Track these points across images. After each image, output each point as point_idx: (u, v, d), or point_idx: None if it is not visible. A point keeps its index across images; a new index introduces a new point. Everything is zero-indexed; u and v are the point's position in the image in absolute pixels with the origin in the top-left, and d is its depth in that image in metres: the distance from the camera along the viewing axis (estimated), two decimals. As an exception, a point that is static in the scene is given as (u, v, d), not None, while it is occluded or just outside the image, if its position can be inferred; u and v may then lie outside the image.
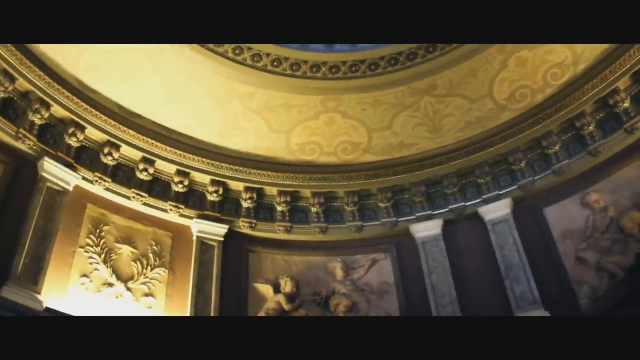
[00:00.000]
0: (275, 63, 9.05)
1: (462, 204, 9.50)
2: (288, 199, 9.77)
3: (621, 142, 8.48)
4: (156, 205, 8.93)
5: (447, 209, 9.57)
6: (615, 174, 8.42)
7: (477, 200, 9.42)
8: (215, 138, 9.49)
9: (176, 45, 8.45)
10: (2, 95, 7.62)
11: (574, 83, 8.87)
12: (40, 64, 7.93)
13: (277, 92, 9.34)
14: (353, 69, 9.20)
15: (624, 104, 8.46)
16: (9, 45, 7.50)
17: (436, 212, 9.60)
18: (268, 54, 8.97)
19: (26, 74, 7.78)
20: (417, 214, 9.66)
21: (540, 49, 8.76)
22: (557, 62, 8.82)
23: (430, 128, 9.68)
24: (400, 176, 9.83)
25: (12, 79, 7.71)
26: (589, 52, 8.60)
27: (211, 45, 8.62)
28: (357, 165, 10.00)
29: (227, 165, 9.52)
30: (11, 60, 7.60)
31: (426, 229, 9.41)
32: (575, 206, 8.59)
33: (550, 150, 9.05)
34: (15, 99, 7.86)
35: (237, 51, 8.79)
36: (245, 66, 8.97)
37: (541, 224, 8.75)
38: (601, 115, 8.77)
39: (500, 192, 9.28)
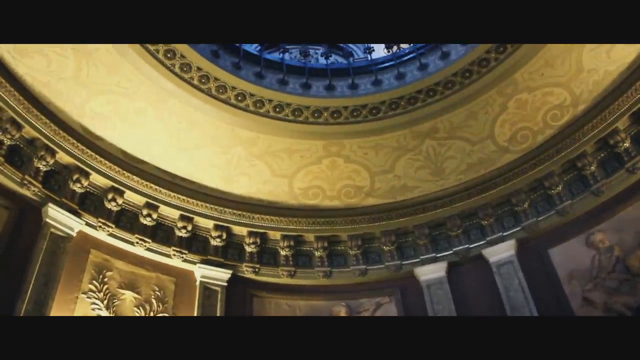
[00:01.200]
0: (277, 109, 9.13)
1: (467, 246, 9.49)
2: (292, 243, 9.77)
3: (624, 182, 8.48)
4: (160, 250, 8.92)
5: (451, 252, 9.54)
6: (619, 213, 8.39)
7: (482, 242, 9.41)
8: (218, 183, 9.54)
9: (180, 93, 8.57)
10: (8, 143, 7.68)
11: (574, 124, 8.94)
12: (47, 111, 8.05)
13: (279, 137, 9.41)
14: (354, 113, 9.28)
15: (625, 144, 8.50)
16: (16, 93, 7.64)
17: (440, 254, 9.58)
18: (270, 100, 9.08)
19: (33, 121, 7.87)
20: (422, 257, 9.63)
21: (540, 91, 8.87)
22: (556, 103, 8.92)
23: (432, 171, 9.73)
24: (403, 219, 9.87)
25: (19, 127, 7.80)
26: (587, 94, 8.71)
27: (214, 92, 8.73)
28: (360, 209, 10.03)
29: (230, 210, 9.56)
30: (18, 109, 7.71)
31: (431, 272, 9.38)
32: (581, 246, 8.54)
33: (553, 191, 9.06)
34: (22, 146, 7.94)
35: (239, 97, 8.90)
36: (247, 112, 9.05)
37: (546, 265, 8.71)
38: (602, 155, 8.81)
39: (504, 234, 9.28)
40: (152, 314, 8.27)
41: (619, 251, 8.18)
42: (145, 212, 8.92)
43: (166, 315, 8.42)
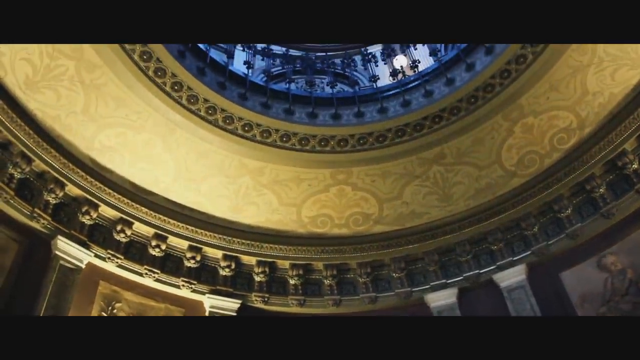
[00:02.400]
0: (284, 138, 9.18)
1: (477, 271, 9.41)
2: (300, 272, 9.75)
3: (634, 204, 8.41)
4: (168, 281, 8.92)
5: (461, 277, 9.47)
6: (630, 235, 8.30)
7: (492, 267, 9.34)
8: (226, 213, 9.57)
9: (187, 125, 8.66)
10: (19, 177, 7.77)
11: (581, 147, 8.91)
12: (56, 145, 8.15)
13: (287, 166, 9.45)
14: (361, 141, 9.30)
15: (633, 165, 8.46)
16: (26, 128, 7.76)
17: (451, 280, 9.51)
18: (277, 130, 9.12)
19: (42, 155, 7.97)
20: (432, 283, 9.56)
21: (545, 115, 8.88)
22: (562, 126, 8.91)
23: (440, 197, 9.71)
24: (412, 246, 9.83)
25: (29, 161, 7.90)
26: (593, 116, 8.71)
27: (221, 123, 8.79)
28: (369, 236, 10.00)
29: (239, 240, 9.57)
30: (29, 143, 7.81)
31: (441, 298, 9.30)
32: (592, 269, 8.45)
33: (562, 214, 9.01)
34: (32, 179, 8.03)
35: (246, 128, 8.96)
36: (254, 142, 9.09)
37: (558, 288, 8.60)
38: (611, 177, 8.76)
39: (515, 258, 9.20)
40: (161, 345, 8.22)
41: (632, 274, 8.07)
42: (154, 243, 8.96)
43: (175, 346, 8.38)
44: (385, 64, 10.38)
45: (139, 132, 8.61)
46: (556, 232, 9.09)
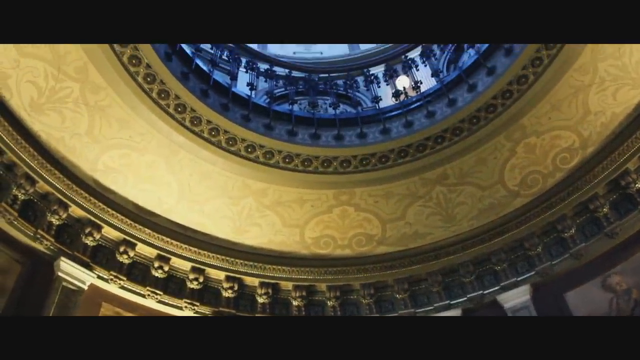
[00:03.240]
0: (287, 159, 9.19)
1: (480, 292, 9.36)
2: (304, 293, 9.70)
3: (638, 223, 8.41)
4: (171, 303, 8.88)
5: (465, 298, 9.40)
6: (635, 255, 8.27)
7: (496, 288, 9.28)
8: (229, 234, 9.56)
9: (190, 146, 8.70)
10: (23, 198, 7.80)
11: (584, 166, 8.92)
12: (60, 166, 8.19)
13: (290, 187, 9.44)
14: (364, 162, 9.30)
15: (637, 185, 8.46)
16: (31, 149, 7.81)
17: (454, 301, 9.45)
18: (280, 151, 9.15)
19: (46, 176, 8.00)
20: (435, 305, 9.50)
21: (548, 135, 8.89)
22: (565, 146, 8.92)
23: (443, 217, 9.69)
24: (416, 267, 9.79)
25: (33, 182, 7.93)
26: (595, 136, 8.72)
27: (224, 144, 8.82)
28: (372, 257, 9.97)
29: (242, 261, 9.55)
30: (33, 164, 7.85)
31: (445, 319, 9.21)
32: (597, 290, 8.39)
33: (566, 234, 8.97)
34: (35, 200, 8.05)
35: (249, 149, 8.99)
36: (257, 163, 9.10)
37: (563, 309, 8.52)
38: (614, 196, 8.75)
39: (519, 279, 9.16)
40: (163, 367, 8.17)
41: (637, 294, 8.02)
42: (156, 264, 8.94)
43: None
44: (387, 84, 10.44)
45: (143, 153, 8.65)
46: (560, 252, 9.05)
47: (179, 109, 8.38)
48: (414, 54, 10.78)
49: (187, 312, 8.94)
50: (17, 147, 7.68)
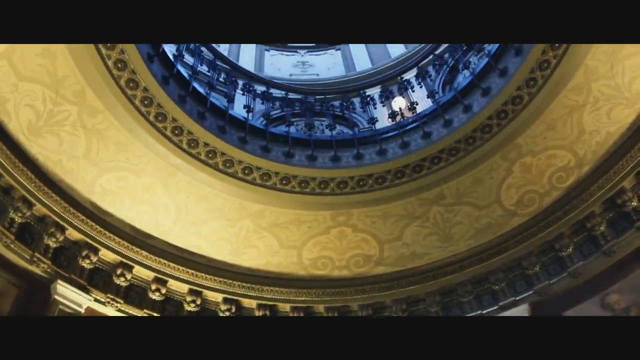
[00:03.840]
0: (284, 181, 9.20)
1: (479, 312, 9.30)
2: (301, 314, 9.65)
3: (635, 241, 8.35)
4: (168, 326, 8.84)
5: (464, 319, 9.35)
6: (633, 273, 8.21)
7: (494, 308, 9.23)
8: (227, 256, 9.54)
9: (188, 169, 8.72)
10: (20, 221, 7.79)
11: (579, 185, 8.93)
12: (57, 189, 8.20)
13: (287, 209, 9.44)
14: (360, 183, 9.31)
15: (633, 203, 8.45)
16: (28, 172, 7.83)
17: (453, 322, 9.39)
18: (277, 173, 9.16)
19: (43, 199, 8.01)
20: (434, 325, 9.44)
21: (543, 155, 8.93)
22: (560, 165, 8.95)
23: (441, 237, 9.69)
24: (414, 287, 9.75)
25: (30, 205, 7.93)
26: (590, 155, 8.75)
27: (221, 166, 8.84)
28: (370, 278, 9.93)
29: (239, 282, 9.51)
30: (30, 187, 7.86)
31: (444, 340, 9.16)
32: (596, 308, 8.33)
33: (564, 253, 8.96)
34: (32, 223, 8.05)
35: (246, 171, 9.01)
36: (255, 185, 9.11)
37: (562, 328, 8.49)
38: (611, 215, 8.73)
39: (517, 298, 9.11)
40: (160, 391, 8.11)
41: (636, 312, 7.98)
42: (154, 286, 8.91)
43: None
44: (383, 105, 10.48)
45: (140, 175, 8.66)
46: (558, 271, 9.01)
47: (176, 132, 8.41)
48: (410, 75, 10.89)
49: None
50: (14, 171, 7.69)
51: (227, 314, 9.32)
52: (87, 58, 7.46)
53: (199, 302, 9.19)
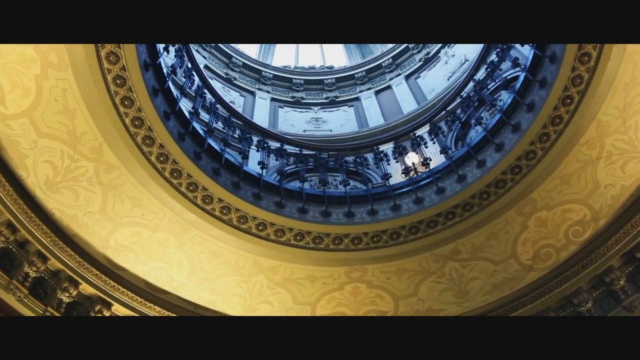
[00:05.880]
0: (298, 237, 9.20)
1: (499, 369, 9.06)
2: (316, 373, 9.44)
3: (657, 296, 8.25)
4: (180, 383, 8.67)
5: (483, 377, 9.10)
6: (655, 329, 8.06)
7: (516, 365, 8.99)
8: (240, 312, 9.45)
9: (202, 224, 8.75)
10: (34, 275, 7.85)
11: (597, 239, 8.85)
12: (72, 244, 8.25)
13: (301, 265, 9.39)
14: (375, 239, 9.28)
15: (652, 256, 8.37)
16: (44, 227, 7.91)
17: (472, 380, 9.14)
18: (291, 229, 9.17)
19: (58, 254, 8.06)
20: (452, 384, 9.19)
21: (559, 209, 8.88)
22: (576, 219, 8.88)
23: (457, 293, 9.56)
24: (431, 344, 9.54)
25: (45, 259, 7.98)
26: (607, 208, 8.70)
27: (235, 222, 8.86)
28: (385, 335, 9.76)
29: (252, 340, 9.38)
30: (45, 242, 7.93)
31: (462, 400, 8.90)
32: (618, 366, 8.14)
33: (583, 308, 8.79)
34: (46, 277, 8.08)
35: (260, 227, 9.02)
36: (268, 241, 9.10)
37: (584, 386, 8.24)
38: (630, 269, 8.63)
39: (537, 356, 8.89)
40: None
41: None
42: (166, 343, 8.81)
43: None
44: (396, 161, 10.54)
45: (154, 231, 8.70)
46: (577, 326, 8.83)
47: (191, 188, 8.49)
48: (422, 131, 10.99)
49: (196, 394, 8.71)
50: (30, 225, 7.78)
51: (240, 372, 9.14)
52: (105, 116, 7.64)
53: (211, 359, 9.04)
